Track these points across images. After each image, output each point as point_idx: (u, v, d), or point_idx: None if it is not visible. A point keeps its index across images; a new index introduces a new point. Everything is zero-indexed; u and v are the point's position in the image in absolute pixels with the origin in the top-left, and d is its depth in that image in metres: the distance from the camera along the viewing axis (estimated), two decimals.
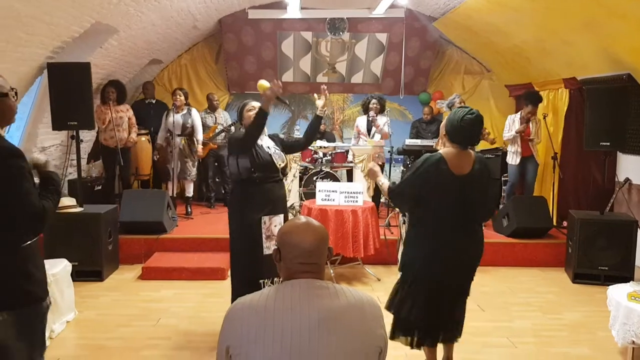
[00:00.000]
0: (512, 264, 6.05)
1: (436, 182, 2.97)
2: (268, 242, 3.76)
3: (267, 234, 3.78)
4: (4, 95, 2.23)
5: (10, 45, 4.81)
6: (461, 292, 3.22)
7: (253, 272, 3.75)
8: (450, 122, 3.04)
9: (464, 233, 3.07)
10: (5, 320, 2.16)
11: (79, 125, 5.46)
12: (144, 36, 6.92)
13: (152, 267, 5.56)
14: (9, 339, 2.18)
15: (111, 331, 4.18)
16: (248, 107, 3.94)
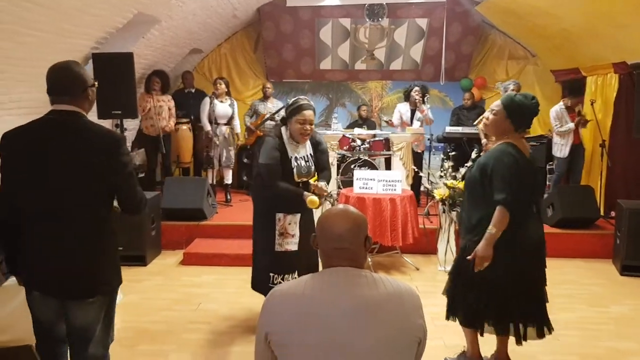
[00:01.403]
0: (556, 255, 5.90)
1: (524, 171, 2.92)
2: (280, 239, 3.75)
3: (281, 231, 3.76)
4: (94, 86, 2.38)
5: (58, 36, 4.95)
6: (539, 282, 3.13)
7: (265, 263, 3.80)
8: (518, 105, 2.94)
9: (538, 220, 3.05)
10: (96, 303, 2.29)
11: (122, 114, 5.59)
12: (184, 26, 7.00)
13: (192, 252, 5.67)
14: (97, 322, 2.32)
15: (154, 314, 4.29)
16: (299, 118, 3.63)
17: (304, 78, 9.06)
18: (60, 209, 2.24)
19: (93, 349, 2.35)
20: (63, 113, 2.28)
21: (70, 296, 2.29)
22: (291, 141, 3.69)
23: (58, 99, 2.30)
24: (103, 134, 2.30)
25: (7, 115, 4.87)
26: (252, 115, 7.79)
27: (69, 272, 2.26)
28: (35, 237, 2.27)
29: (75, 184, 2.23)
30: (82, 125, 2.28)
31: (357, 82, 9.19)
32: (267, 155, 3.63)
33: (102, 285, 2.34)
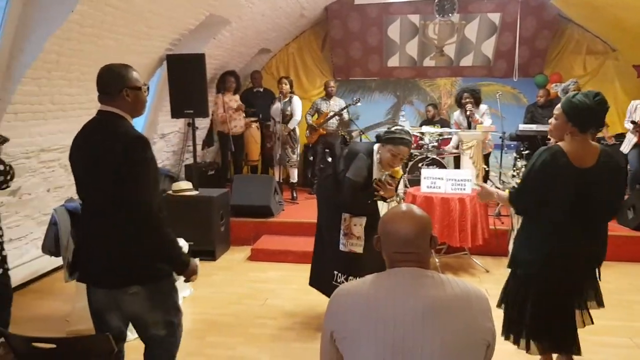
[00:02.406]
0: (637, 260, 5.57)
1: (555, 176, 2.73)
2: (345, 239, 3.74)
3: (346, 231, 3.75)
4: (137, 88, 2.38)
5: (135, 39, 5.17)
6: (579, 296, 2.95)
7: (329, 260, 3.81)
8: (577, 106, 2.77)
9: (586, 233, 2.74)
10: (137, 293, 2.35)
11: (194, 113, 5.77)
12: (254, 26, 7.13)
13: (260, 249, 5.77)
14: (144, 311, 2.39)
15: (223, 308, 4.40)
16: (393, 149, 3.53)
17: (371, 76, 9.01)
18: (99, 204, 2.33)
19: (153, 331, 2.45)
20: (102, 113, 2.37)
21: (112, 286, 2.38)
22: (378, 166, 3.67)
23: (100, 98, 2.40)
24: (121, 135, 2.29)
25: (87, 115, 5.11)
26: (313, 114, 7.81)
27: (107, 263, 2.35)
28: (84, 231, 2.43)
29: (106, 181, 2.28)
30: (111, 126, 2.32)
31: (426, 79, 9.04)
32: (356, 172, 3.61)
33: (139, 277, 2.36)
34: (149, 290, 2.38)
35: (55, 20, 4.05)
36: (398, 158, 3.57)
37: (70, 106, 4.93)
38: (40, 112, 4.53)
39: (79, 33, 4.31)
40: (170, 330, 2.50)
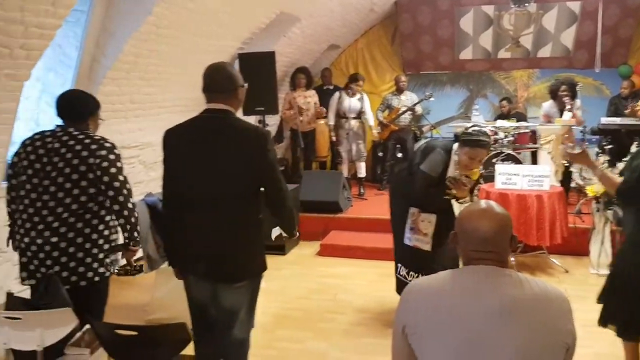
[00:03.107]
0: None
1: None
2: (410, 234, 3.69)
3: (412, 226, 3.69)
4: (243, 86, 2.50)
5: (208, 39, 5.32)
6: None
7: (395, 252, 3.88)
8: None
9: None
10: (243, 287, 2.44)
11: (265, 111, 5.87)
12: (323, 23, 7.16)
13: (329, 244, 5.80)
14: (242, 306, 2.46)
15: (293, 302, 4.45)
16: (470, 152, 3.42)
17: (443, 69, 8.82)
18: (212, 199, 2.40)
19: (236, 332, 2.49)
20: (216, 111, 2.44)
21: (220, 280, 2.44)
22: (455, 166, 3.58)
23: (212, 97, 2.46)
24: (251, 129, 2.44)
25: (165, 112, 5.34)
26: (384, 110, 7.74)
27: (219, 257, 2.42)
28: (190, 224, 2.45)
29: (225, 176, 2.37)
30: (232, 122, 2.43)
31: (501, 72, 8.74)
32: (431, 166, 3.56)
33: (249, 272, 2.47)
34: (251, 285, 2.48)
35: (133, 23, 4.24)
36: (475, 161, 3.47)
37: (149, 105, 5.14)
38: (120, 111, 4.76)
39: (155, 34, 4.48)
40: (247, 334, 2.57)
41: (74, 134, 2.67)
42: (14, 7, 3.07)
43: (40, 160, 2.65)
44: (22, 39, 3.29)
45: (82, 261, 2.67)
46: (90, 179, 2.63)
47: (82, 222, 2.66)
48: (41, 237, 2.64)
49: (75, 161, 2.61)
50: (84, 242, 2.66)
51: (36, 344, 2.34)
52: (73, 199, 2.63)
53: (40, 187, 2.64)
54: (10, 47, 3.25)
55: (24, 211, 2.68)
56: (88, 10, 4.11)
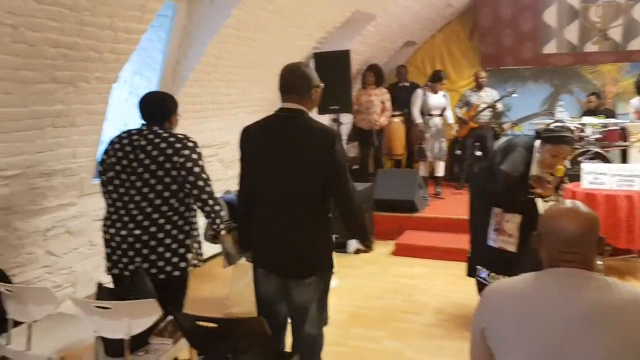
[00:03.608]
0: None
1: None
2: (495, 235, 3.54)
3: (496, 226, 3.55)
4: (319, 87, 2.53)
5: (285, 39, 5.41)
6: None
7: (475, 256, 3.71)
8: None
9: None
10: (312, 283, 2.47)
11: (339, 109, 5.89)
12: (398, 20, 7.09)
13: (404, 244, 5.74)
14: (312, 302, 2.49)
15: (366, 301, 4.44)
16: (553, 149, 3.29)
17: (524, 64, 8.47)
18: (282, 196, 2.46)
19: (308, 328, 2.53)
20: (289, 110, 2.49)
21: (290, 275, 2.49)
22: (538, 164, 3.44)
23: (286, 97, 2.51)
24: (321, 129, 2.46)
25: (243, 112, 5.48)
26: (462, 107, 7.54)
27: (290, 253, 2.47)
28: (263, 220, 2.53)
29: (296, 174, 2.42)
30: (303, 122, 2.46)
31: (587, 66, 8.29)
32: (513, 165, 3.43)
33: (317, 268, 2.49)
34: (320, 281, 2.49)
35: (214, 26, 4.38)
36: (559, 158, 3.33)
37: (227, 105, 5.30)
38: (201, 111, 4.94)
39: (234, 37, 4.61)
40: (320, 330, 2.58)
41: (159, 132, 2.80)
42: (103, 13, 3.26)
43: (127, 157, 2.79)
44: (111, 43, 3.48)
45: (162, 255, 2.80)
46: (173, 176, 2.75)
47: (164, 217, 2.78)
48: (125, 229, 2.79)
49: (160, 158, 2.74)
50: (164, 237, 2.79)
51: (123, 333, 2.47)
52: (156, 195, 2.76)
53: (127, 182, 2.79)
54: (100, 52, 3.45)
55: (111, 205, 2.86)
56: (172, 15, 4.29)
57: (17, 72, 3.00)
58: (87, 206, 4.09)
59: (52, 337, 2.78)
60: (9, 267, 3.49)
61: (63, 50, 3.18)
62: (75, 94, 3.47)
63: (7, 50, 2.87)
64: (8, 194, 3.41)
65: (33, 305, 2.66)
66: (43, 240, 3.83)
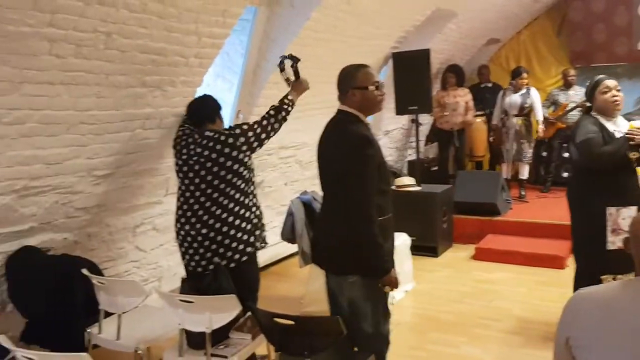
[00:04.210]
0: None
1: None
2: (613, 237, 3.30)
3: (613, 227, 3.32)
4: (364, 88, 2.48)
5: (362, 40, 5.40)
6: None
7: (593, 265, 3.38)
8: None
9: None
10: (355, 282, 2.47)
11: (418, 110, 5.80)
12: (481, 17, 6.89)
13: (484, 248, 5.57)
14: (359, 299, 2.49)
15: (444, 305, 4.35)
16: (602, 88, 3.28)
17: (618, 61, 7.97)
18: (327, 196, 2.56)
19: (362, 325, 2.51)
20: (338, 111, 2.55)
21: (333, 271, 2.54)
22: (605, 118, 3.29)
23: (338, 97, 2.57)
24: (347, 133, 2.43)
25: (320, 114, 5.49)
26: (549, 106, 7.19)
27: (332, 250, 2.52)
28: (318, 218, 2.71)
29: (328, 176, 2.53)
30: (340, 124, 2.51)
31: None
32: (584, 131, 3.25)
33: (359, 267, 2.44)
34: (366, 281, 2.47)
35: (293, 29, 4.45)
36: (613, 90, 3.23)
37: (305, 107, 5.35)
38: None
39: (313, 39, 4.66)
40: (376, 331, 2.54)
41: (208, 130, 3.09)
42: (189, 19, 3.40)
43: (188, 154, 3.08)
44: (196, 48, 3.62)
45: (229, 246, 3.03)
46: (227, 167, 3.00)
47: (221, 208, 3.02)
48: (192, 227, 3.06)
49: (213, 155, 3.01)
50: (228, 229, 3.03)
51: (205, 326, 2.57)
52: (213, 189, 3.02)
53: (187, 179, 3.10)
54: (185, 57, 3.60)
55: (179, 202, 3.18)
56: (252, 19, 4.40)
57: (110, 77, 3.19)
58: (172, 204, 4.25)
59: (139, 328, 2.94)
60: (101, 260, 3.73)
61: (152, 56, 3.35)
62: (163, 97, 3.64)
63: (101, 56, 3.05)
64: (101, 192, 3.64)
65: (123, 297, 2.83)
66: (132, 236, 4.05)
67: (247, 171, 3.09)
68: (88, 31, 2.87)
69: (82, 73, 3.02)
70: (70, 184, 3.39)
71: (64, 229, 3.54)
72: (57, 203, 3.39)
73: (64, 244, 3.56)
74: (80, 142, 3.30)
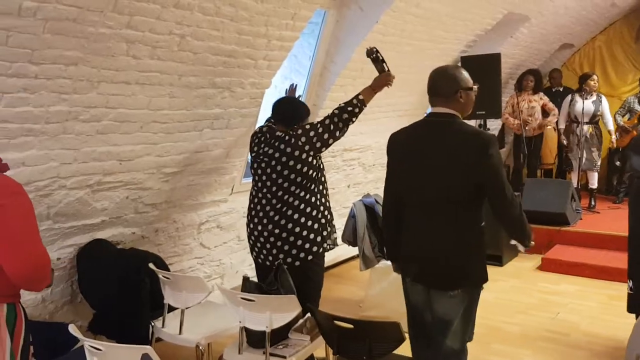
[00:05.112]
0: None
1: None
2: None
3: None
4: (469, 89, 2.45)
5: (431, 43, 5.33)
6: None
7: None
8: None
9: None
10: (457, 296, 2.37)
11: (486, 115, 5.66)
12: (555, 21, 6.65)
13: (552, 259, 5.38)
14: (454, 316, 2.39)
15: (509, 315, 4.23)
16: None
17: None
18: (429, 203, 2.39)
19: (450, 342, 2.41)
20: (437, 114, 2.44)
21: (433, 285, 2.41)
22: None
23: (433, 100, 2.47)
24: (473, 133, 2.37)
25: (385, 117, 5.49)
26: (624, 114, 6.85)
27: (434, 263, 2.39)
28: (410, 228, 2.48)
29: (446, 181, 2.34)
30: (453, 126, 2.38)
31: None
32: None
33: (463, 281, 2.37)
34: (466, 295, 2.38)
35: (362, 32, 4.44)
36: None
37: (370, 110, 5.31)
38: None
39: (381, 42, 4.62)
40: (463, 345, 2.48)
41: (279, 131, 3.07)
42: (260, 22, 3.45)
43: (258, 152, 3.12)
44: (265, 50, 3.68)
45: (294, 244, 3.02)
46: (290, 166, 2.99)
47: (291, 209, 3.02)
48: (261, 224, 3.08)
49: (276, 155, 3.01)
50: (297, 228, 3.01)
51: (265, 325, 2.59)
52: (280, 188, 3.03)
53: (256, 177, 3.13)
54: (254, 58, 3.66)
55: (250, 196, 3.21)
56: (321, 22, 4.43)
57: (182, 77, 3.29)
58: (237, 203, 4.38)
59: (201, 323, 3.01)
60: (167, 255, 3.85)
61: (222, 58, 3.43)
62: (231, 98, 3.72)
63: (175, 58, 3.15)
64: (169, 189, 3.76)
65: (187, 293, 2.91)
66: (197, 233, 4.16)
67: (313, 171, 3.03)
68: (163, 33, 2.97)
69: (156, 74, 3.13)
70: (140, 180, 3.52)
71: (133, 224, 3.67)
72: (127, 198, 3.52)
73: (133, 239, 3.69)
74: (151, 140, 3.42)
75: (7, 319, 1.85)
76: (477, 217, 2.40)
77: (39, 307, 3.23)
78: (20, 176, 2.80)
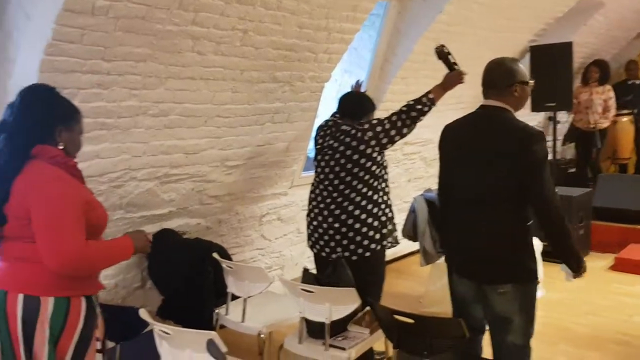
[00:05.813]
0: None
1: None
2: None
3: None
4: (525, 83, 2.39)
5: (496, 33, 5.16)
6: None
7: None
8: None
9: None
10: (508, 292, 2.32)
11: (556, 107, 5.45)
12: (633, 7, 6.29)
13: (626, 258, 5.11)
14: (512, 312, 2.34)
15: (578, 316, 4.07)
16: None
17: None
18: (476, 198, 2.35)
19: (512, 338, 2.37)
20: (488, 107, 2.39)
21: (482, 280, 2.37)
22: None
23: (487, 93, 2.41)
24: (519, 129, 2.30)
25: (448, 110, 5.35)
26: None
27: (482, 258, 2.35)
28: (457, 222, 2.45)
29: (490, 175, 2.30)
30: (502, 120, 2.34)
31: None
32: None
33: (513, 276, 2.32)
34: (518, 291, 2.33)
35: (424, 23, 4.36)
36: None
37: None
38: None
39: (445, 32, 4.53)
40: (526, 341, 2.41)
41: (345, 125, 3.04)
42: (320, 15, 3.46)
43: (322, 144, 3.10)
44: (326, 43, 3.68)
45: (353, 239, 2.99)
46: (354, 160, 2.94)
47: (352, 204, 2.99)
48: (321, 216, 3.07)
49: (341, 148, 2.97)
50: (357, 224, 2.98)
51: (324, 317, 2.61)
52: (343, 182, 2.99)
53: (319, 168, 3.11)
54: (315, 52, 3.67)
55: (312, 187, 3.19)
56: (383, 14, 4.38)
57: (245, 72, 3.35)
58: (297, 196, 4.42)
59: (263, 312, 3.07)
60: (230, 246, 3.94)
61: (283, 52, 3.46)
62: (292, 92, 3.75)
63: (237, 53, 3.21)
64: (232, 182, 3.84)
65: (249, 282, 2.97)
66: (258, 225, 4.24)
67: (376, 167, 3.00)
68: (227, 29, 3.03)
69: (220, 69, 3.20)
70: (204, 172, 3.62)
71: (198, 215, 3.79)
72: (192, 190, 3.63)
73: (197, 229, 3.81)
74: (215, 134, 3.51)
75: (53, 313, 1.86)
76: (523, 215, 2.33)
77: (112, 292, 3.40)
78: (95, 168, 2.96)
